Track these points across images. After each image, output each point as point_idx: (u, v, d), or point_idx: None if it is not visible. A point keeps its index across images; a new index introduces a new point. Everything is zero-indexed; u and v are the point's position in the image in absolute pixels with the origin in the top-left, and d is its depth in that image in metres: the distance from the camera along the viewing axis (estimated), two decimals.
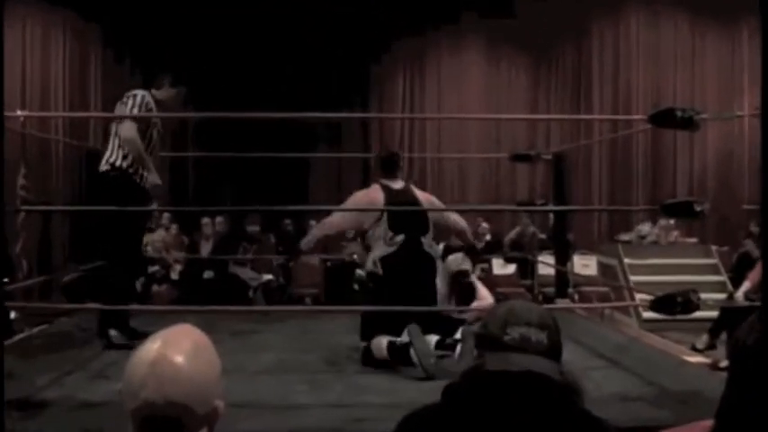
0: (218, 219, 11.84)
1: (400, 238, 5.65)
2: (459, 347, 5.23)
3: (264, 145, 9.45)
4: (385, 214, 5.70)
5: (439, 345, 5.30)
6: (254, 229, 12.15)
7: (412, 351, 5.06)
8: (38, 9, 13.14)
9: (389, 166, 6.06)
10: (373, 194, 5.95)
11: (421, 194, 6.09)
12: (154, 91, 6.21)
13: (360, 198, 6.10)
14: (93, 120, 13.25)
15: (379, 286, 5.68)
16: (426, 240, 5.79)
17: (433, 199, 6.27)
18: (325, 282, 11.73)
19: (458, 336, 5.33)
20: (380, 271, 5.64)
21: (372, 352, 5.35)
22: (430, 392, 2.22)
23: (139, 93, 6.03)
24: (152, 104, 6.06)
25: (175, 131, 12.80)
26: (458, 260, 6.34)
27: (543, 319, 2.14)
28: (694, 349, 8.09)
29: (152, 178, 5.93)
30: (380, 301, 5.53)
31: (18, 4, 12.62)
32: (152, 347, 1.82)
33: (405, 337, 5.17)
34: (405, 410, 2.15)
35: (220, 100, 11.73)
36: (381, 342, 5.27)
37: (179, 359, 1.82)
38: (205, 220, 11.84)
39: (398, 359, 5.12)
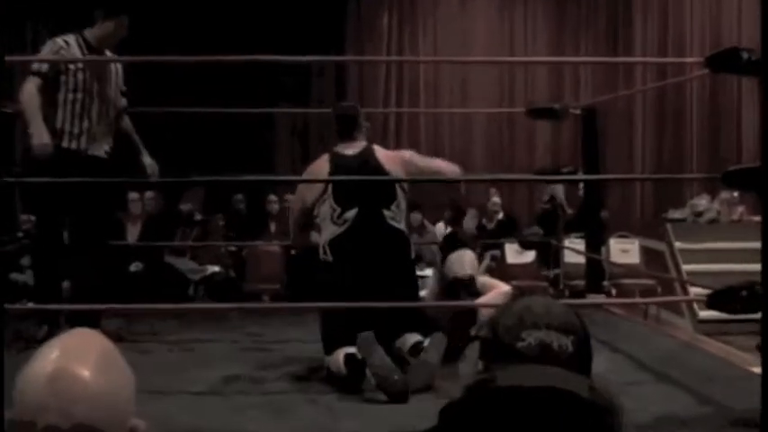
0: (149, 194, 11.75)
1: (351, 213, 5.56)
2: (421, 356, 5.21)
3: (215, 100, 9.43)
4: (329, 188, 5.63)
5: (415, 349, 5.28)
6: (195, 207, 12.09)
7: (367, 370, 5.03)
8: None
9: (344, 127, 5.96)
10: (318, 166, 5.92)
11: (386, 155, 5.98)
12: (88, 32, 6.20)
13: (308, 172, 6.07)
14: None
15: (331, 278, 5.59)
16: (391, 213, 5.70)
17: (407, 155, 6.20)
18: (288, 274, 11.64)
19: (427, 341, 5.31)
20: (330, 258, 5.59)
21: (331, 369, 5.31)
22: (420, 415, 2.22)
23: (57, 39, 6.03)
24: (74, 50, 6.04)
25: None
26: (461, 260, 6.20)
27: (568, 321, 2.12)
28: (759, 349, 8.12)
29: (37, 136, 5.89)
30: (335, 298, 5.37)
31: None
32: (49, 360, 1.81)
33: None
34: None
35: (158, 43, 11.69)
36: (339, 356, 5.22)
37: (84, 373, 1.80)
38: (132, 195, 11.70)
39: (359, 377, 5.10)
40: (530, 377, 2.05)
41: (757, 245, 11.60)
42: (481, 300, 6.10)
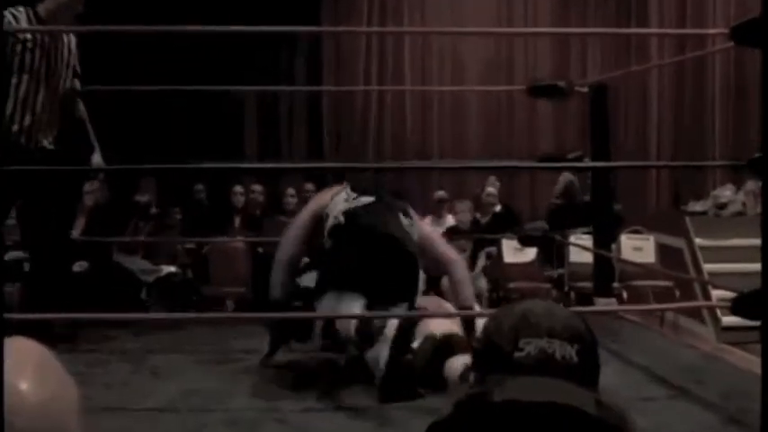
0: (95, 184, 11.70)
1: (367, 199, 6.04)
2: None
3: (176, 78, 9.43)
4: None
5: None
6: (148, 198, 12.04)
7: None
8: None
9: None
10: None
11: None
12: (40, 6, 6.20)
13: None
14: None
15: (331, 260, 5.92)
16: (408, 221, 6.10)
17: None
18: (255, 276, 11.57)
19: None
20: (342, 221, 5.90)
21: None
22: None
23: (5, 12, 6.02)
24: (23, 26, 6.04)
25: None
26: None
27: (573, 328, 2.12)
28: None
29: None
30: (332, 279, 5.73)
31: None
32: None
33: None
34: None
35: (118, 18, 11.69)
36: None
37: (23, 386, 1.74)
38: (88, 186, 11.69)
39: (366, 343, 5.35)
40: (529, 391, 2.04)
41: None
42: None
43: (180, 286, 11.20)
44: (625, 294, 10.55)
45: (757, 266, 10.17)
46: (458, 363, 5.41)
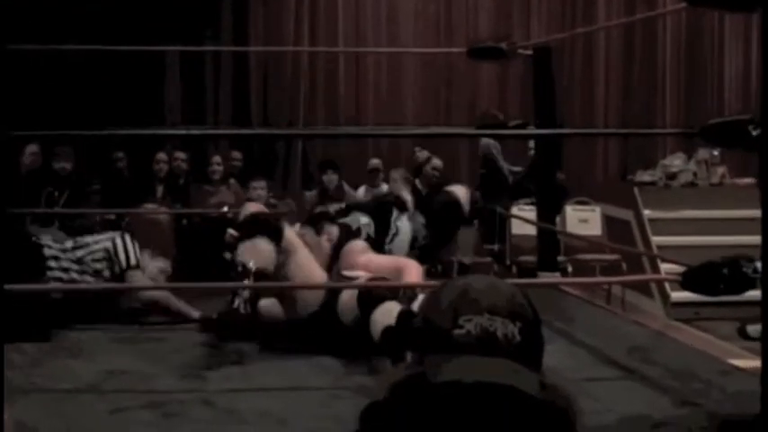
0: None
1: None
2: None
3: (94, 39, 9.39)
4: None
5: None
6: (64, 165, 11.92)
7: None
8: None
9: None
10: None
11: None
12: None
13: None
14: None
15: None
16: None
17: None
18: (179, 249, 11.52)
19: None
20: None
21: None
22: (339, 421, 2.21)
23: None
24: None
25: None
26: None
27: (515, 304, 2.11)
28: (743, 335, 8.25)
29: None
30: None
31: None
32: None
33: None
34: None
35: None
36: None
37: None
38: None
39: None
40: (469, 371, 2.04)
41: (741, 212, 11.83)
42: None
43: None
44: (570, 268, 10.62)
45: (709, 239, 10.35)
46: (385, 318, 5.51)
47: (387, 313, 5.45)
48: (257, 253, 6.12)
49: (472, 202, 7.51)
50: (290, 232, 6.30)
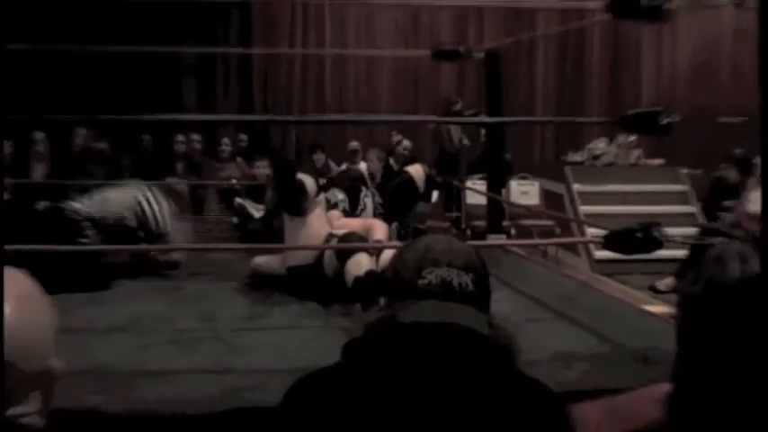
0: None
1: None
2: None
3: (117, 39, 9.30)
4: None
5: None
6: (104, 146, 11.87)
7: None
8: None
9: None
10: None
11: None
12: None
13: None
14: None
15: None
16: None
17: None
18: (194, 213, 11.48)
19: None
20: None
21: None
22: (326, 353, 2.21)
23: None
24: None
25: None
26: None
27: (469, 259, 2.14)
28: (654, 290, 8.29)
29: None
30: None
31: None
32: None
33: None
34: (295, 375, 2.14)
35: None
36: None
37: (6, 309, 1.83)
38: (39, 135, 11.58)
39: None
40: (431, 313, 2.07)
41: (652, 187, 11.82)
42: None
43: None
44: (513, 231, 10.61)
45: (626, 208, 10.37)
46: (355, 269, 5.57)
47: (357, 265, 5.53)
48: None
49: (428, 179, 7.46)
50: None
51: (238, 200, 11.04)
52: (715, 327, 1.87)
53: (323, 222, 6.22)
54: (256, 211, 10.77)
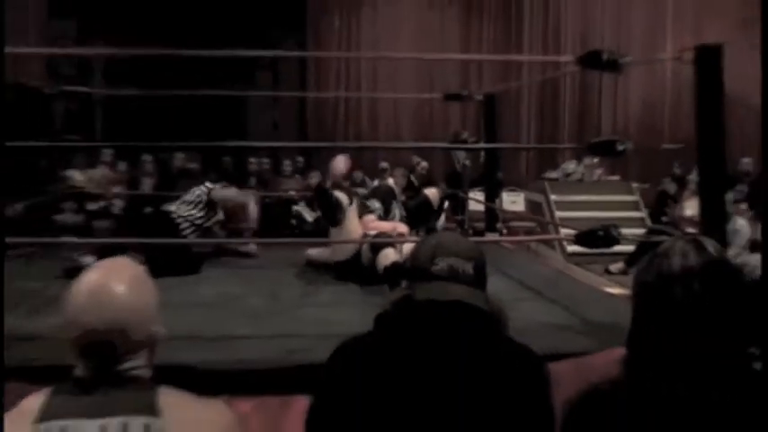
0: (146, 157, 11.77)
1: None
2: None
3: (199, 82, 9.32)
4: None
5: None
6: (194, 166, 11.91)
7: None
8: None
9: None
10: None
11: None
12: None
13: None
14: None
15: None
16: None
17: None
18: (262, 218, 11.49)
19: None
20: None
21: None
22: (363, 323, 2.21)
23: None
24: None
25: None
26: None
27: (470, 251, 2.16)
28: (607, 272, 8.26)
29: None
30: None
31: None
32: (92, 277, 1.92)
33: None
34: (339, 339, 2.15)
35: (143, 33, 11.52)
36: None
37: (119, 287, 1.90)
38: (147, 157, 11.69)
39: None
40: (440, 292, 2.08)
41: (610, 197, 11.70)
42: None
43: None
44: (504, 231, 10.56)
45: (590, 214, 10.26)
46: (384, 260, 5.60)
47: (385, 257, 5.56)
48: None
49: (441, 199, 7.48)
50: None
51: (296, 207, 11.07)
52: (661, 306, 1.91)
53: (356, 226, 6.22)
54: (310, 216, 10.78)
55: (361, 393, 2.01)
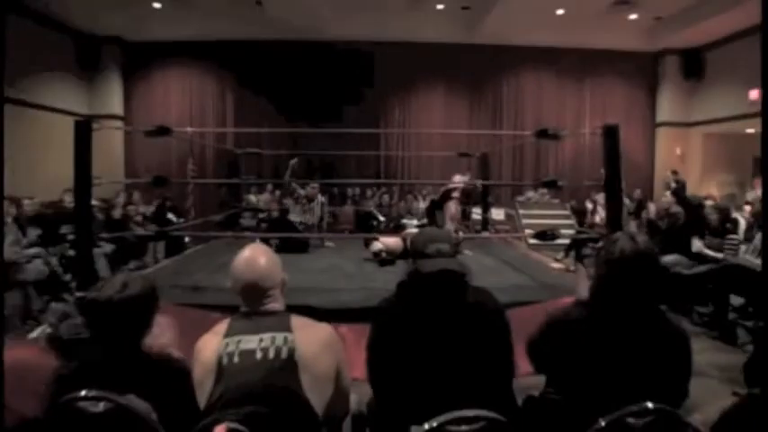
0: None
1: None
2: None
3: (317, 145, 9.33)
4: None
5: None
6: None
7: None
8: (196, 67, 12.94)
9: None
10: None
11: None
12: None
13: None
14: (232, 134, 12.98)
15: None
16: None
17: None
18: (356, 220, 11.44)
19: None
20: None
21: None
22: (382, 288, 2.11)
23: None
24: None
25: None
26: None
27: (446, 237, 2.10)
28: (555, 260, 7.96)
29: None
30: None
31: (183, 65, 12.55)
32: (246, 253, 1.98)
33: None
34: (384, 294, 2.10)
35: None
36: None
37: (261, 258, 1.97)
38: (294, 189, 11.68)
39: None
40: (435, 265, 2.00)
41: (553, 212, 11.17)
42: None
43: (321, 226, 10.89)
44: (492, 230, 10.31)
45: (542, 221, 9.82)
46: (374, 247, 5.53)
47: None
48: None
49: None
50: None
51: (373, 211, 10.87)
52: (611, 271, 1.85)
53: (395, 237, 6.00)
54: (381, 218, 10.62)
55: (396, 327, 1.97)
